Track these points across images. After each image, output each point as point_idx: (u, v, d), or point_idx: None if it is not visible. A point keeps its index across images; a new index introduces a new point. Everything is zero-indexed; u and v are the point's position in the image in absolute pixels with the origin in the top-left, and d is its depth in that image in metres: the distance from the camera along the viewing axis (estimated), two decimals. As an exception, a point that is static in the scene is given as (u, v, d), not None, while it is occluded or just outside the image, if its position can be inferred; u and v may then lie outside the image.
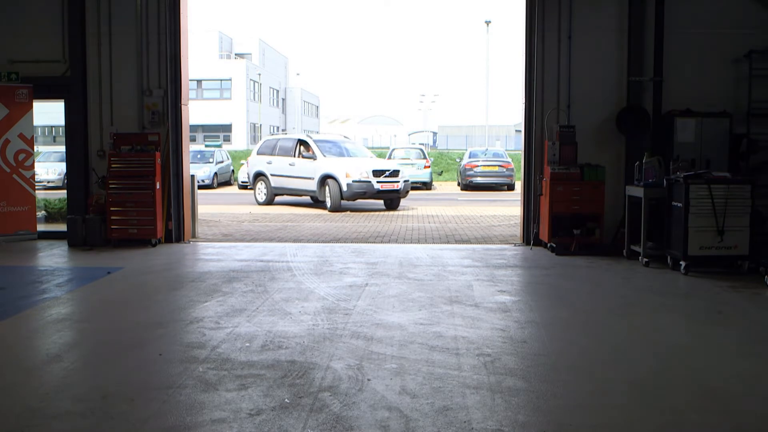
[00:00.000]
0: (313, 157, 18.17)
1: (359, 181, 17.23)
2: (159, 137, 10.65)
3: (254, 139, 58.35)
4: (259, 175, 19.71)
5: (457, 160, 32.25)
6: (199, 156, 27.87)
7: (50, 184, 22.04)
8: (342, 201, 17.42)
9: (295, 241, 11.53)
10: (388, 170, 18.01)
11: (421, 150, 29.04)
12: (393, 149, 29.71)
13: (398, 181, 17.86)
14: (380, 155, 26.42)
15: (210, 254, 10.03)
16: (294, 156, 18.83)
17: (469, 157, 27.95)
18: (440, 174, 33.24)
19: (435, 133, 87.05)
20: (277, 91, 68.62)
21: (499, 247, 10.73)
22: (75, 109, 10.90)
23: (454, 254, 10.04)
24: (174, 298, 7.27)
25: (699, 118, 9.92)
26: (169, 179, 10.82)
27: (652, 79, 10.29)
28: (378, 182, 17.40)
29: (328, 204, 17.42)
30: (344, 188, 17.08)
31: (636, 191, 9.43)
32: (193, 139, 37.81)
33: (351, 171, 17.32)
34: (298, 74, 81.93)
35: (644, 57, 10.33)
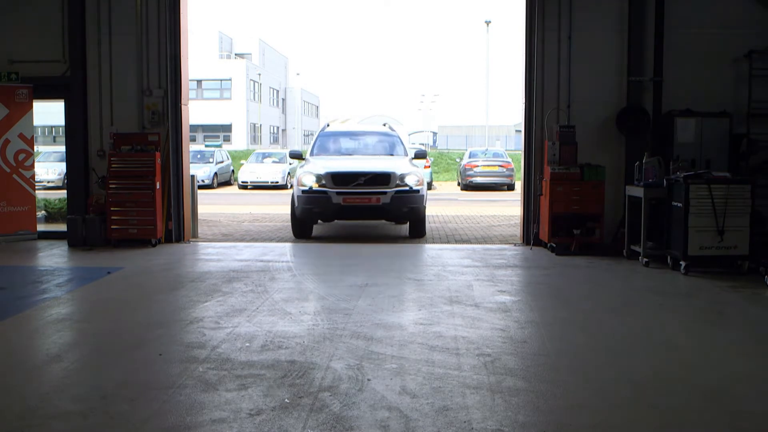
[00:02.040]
0: (304, 158, 12.73)
1: (309, 192, 11.12)
2: (159, 137, 10.65)
3: (254, 140, 58.38)
4: None
5: (457, 160, 32.25)
6: (199, 156, 27.88)
7: (50, 184, 22.03)
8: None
9: (295, 241, 11.53)
10: (366, 173, 11.16)
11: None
12: None
13: (382, 192, 11.05)
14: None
15: (210, 254, 10.03)
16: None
17: (469, 157, 27.96)
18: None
19: (435, 133, 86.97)
20: (277, 91, 68.62)
21: (499, 247, 10.73)
22: (75, 109, 10.90)
23: (454, 254, 10.03)
24: (174, 298, 7.27)
25: (699, 118, 9.92)
26: (169, 179, 10.82)
27: (652, 79, 10.28)
28: (340, 194, 11.01)
29: None
30: (296, 203, 11.47)
31: (636, 191, 9.43)
32: (193, 139, 37.82)
33: (304, 177, 11.36)
34: (298, 74, 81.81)
35: (644, 57, 10.33)
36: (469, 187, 26.49)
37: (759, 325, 6.41)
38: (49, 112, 13.80)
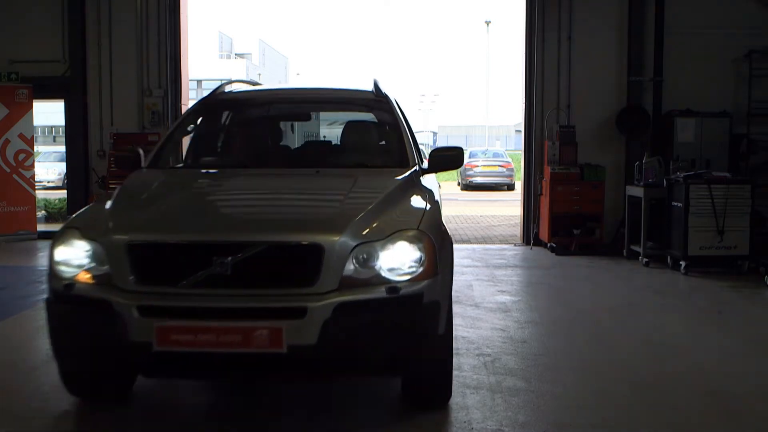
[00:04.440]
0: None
1: (66, 300, 3.47)
2: (159, 137, 10.65)
3: (254, 139, 58.27)
4: None
5: (457, 160, 32.19)
6: (199, 156, 27.82)
7: (50, 184, 22.03)
8: None
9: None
10: (244, 239, 3.28)
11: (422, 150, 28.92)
12: None
13: (296, 310, 3.17)
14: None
15: (210, 254, 10.00)
16: None
17: (469, 157, 27.91)
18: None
19: (435, 133, 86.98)
20: (277, 91, 68.55)
21: (499, 247, 10.73)
22: (75, 109, 10.90)
23: (454, 254, 10.01)
24: (174, 298, 7.26)
25: (699, 118, 9.92)
26: (169, 179, 10.81)
27: (652, 79, 10.28)
28: (149, 311, 3.23)
29: None
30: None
31: (636, 191, 9.43)
32: (193, 139, 37.67)
33: (58, 248, 3.58)
34: (298, 74, 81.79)
35: (644, 57, 10.33)
36: (469, 187, 26.47)
37: (759, 325, 6.41)
38: (49, 112, 13.81)
